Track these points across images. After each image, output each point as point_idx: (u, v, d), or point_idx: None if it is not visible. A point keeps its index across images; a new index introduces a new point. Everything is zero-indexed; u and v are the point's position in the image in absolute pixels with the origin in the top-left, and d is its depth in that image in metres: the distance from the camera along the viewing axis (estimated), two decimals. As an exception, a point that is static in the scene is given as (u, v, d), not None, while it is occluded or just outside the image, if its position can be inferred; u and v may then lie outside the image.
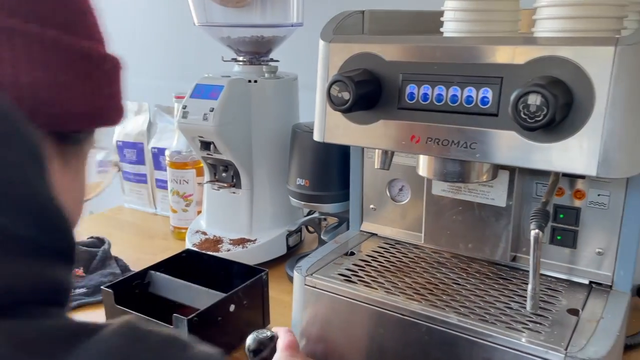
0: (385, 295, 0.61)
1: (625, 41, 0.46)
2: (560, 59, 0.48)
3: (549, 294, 0.62)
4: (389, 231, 0.78)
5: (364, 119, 0.61)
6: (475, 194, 0.66)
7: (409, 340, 0.59)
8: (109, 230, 1.17)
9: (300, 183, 0.88)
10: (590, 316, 0.57)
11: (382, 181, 0.77)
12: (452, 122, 0.55)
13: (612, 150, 0.47)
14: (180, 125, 0.90)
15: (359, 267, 0.69)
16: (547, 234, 0.65)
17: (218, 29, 0.96)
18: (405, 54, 0.57)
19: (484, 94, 0.52)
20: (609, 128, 0.47)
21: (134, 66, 1.56)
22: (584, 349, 0.51)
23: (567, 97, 0.47)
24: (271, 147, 0.96)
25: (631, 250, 0.60)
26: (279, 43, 0.99)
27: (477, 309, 0.58)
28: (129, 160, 1.24)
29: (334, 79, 0.56)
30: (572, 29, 0.51)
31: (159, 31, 1.38)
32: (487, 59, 0.52)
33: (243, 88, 0.91)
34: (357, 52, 0.60)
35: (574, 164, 0.49)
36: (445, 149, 0.56)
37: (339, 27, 0.66)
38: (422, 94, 0.56)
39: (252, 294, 0.74)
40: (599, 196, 0.61)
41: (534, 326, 0.55)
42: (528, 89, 0.46)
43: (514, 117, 0.47)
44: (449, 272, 0.67)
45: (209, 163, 0.96)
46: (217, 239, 0.96)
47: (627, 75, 0.46)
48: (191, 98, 0.89)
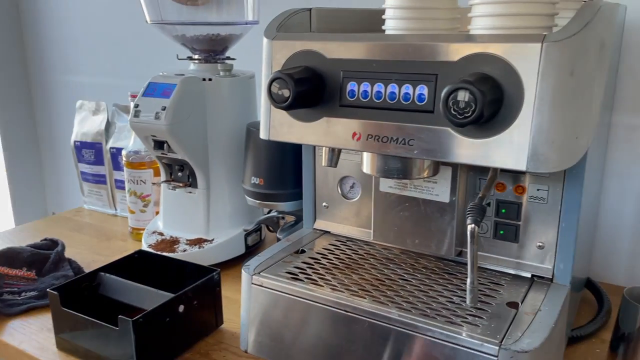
0: (330, 292, 0.61)
1: (552, 38, 0.47)
2: (491, 55, 0.49)
3: (492, 287, 0.63)
4: (341, 228, 0.78)
5: (307, 117, 0.61)
6: (421, 191, 0.67)
7: (353, 337, 0.59)
8: (67, 232, 1.15)
9: (255, 182, 0.88)
10: (529, 309, 0.58)
11: (333, 179, 0.78)
12: (391, 119, 0.55)
13: (540, 145, 0.48)
14: (132, 124, 0.89)
15: (308, 265, 0.69)
16: (491, 229, 0.66)
17: (172, 27, 0.95)
18: (345, 51, 0.57)
19: (420, 91, 0.53)
20: (537, 123, 0.48)
21: (92, 66, 1.54)
22: (519, 341, 0.52)
23: (497, 93, 0.48)
24: (228, 146, 0.95)
25: (570, 243, 0.61)
26: (235, 41, 0.99)
27: (419, 304, 0.59)
28: (87, 160, 1.22)
29: (274, 76, 0.56)
30: (504, 27, 0.51)
31: (116, 30, 1.37)
32: (423, 57, 0.53)
33: (197, 86, 0.90)
34: (299, 49, 0.60)
35: (505, 159, 0.49)
36: (385, 146, 0.56)
37: (285, 25, 0.66)
38: (362, 91, 0.56)
39: (203, 294, 0.74)
40: (539, 191, 0.62)
41: (473, 320, 0.56)
42: (457, 86, 0.46)
43: (445, 113, 0.47)
44: (396, 268, 0.68)
45: (164, 162, 0.95)
46: (173, 239, 0.95)
47: (553, 72, 0.47)
48: (143, 97, 0.88)
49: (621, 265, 0.90)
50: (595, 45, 0.51)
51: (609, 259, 0.91)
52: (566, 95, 0.48)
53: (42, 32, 1.50)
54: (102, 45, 1.40)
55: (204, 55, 0.96)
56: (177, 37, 0.96)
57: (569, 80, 0.48)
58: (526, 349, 0.50)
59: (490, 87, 0.47)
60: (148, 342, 0.65)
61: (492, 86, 0.47)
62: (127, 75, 1.37)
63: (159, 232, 0.98)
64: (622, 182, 0.87)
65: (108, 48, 1.39)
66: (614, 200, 0.88)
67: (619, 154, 0.86)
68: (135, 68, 1.36)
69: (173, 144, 0.89)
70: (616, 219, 0.89)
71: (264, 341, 0.66)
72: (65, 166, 1.56)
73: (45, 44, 1.51)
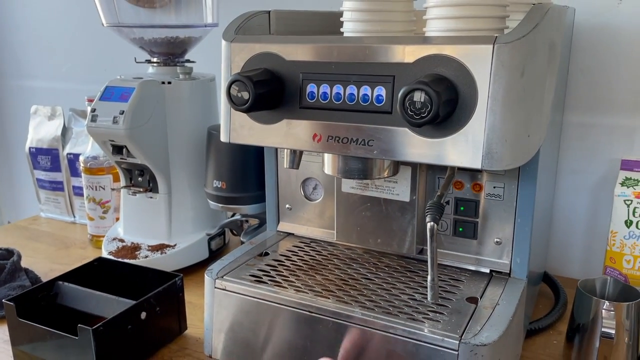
0: (294, 294, 0.61)
1: (503, 39, 0.48)
2: (445, 57, 0.50)
3: (452, 284, 0.64)
4: (304, 230, 0.78)
5: (268, 119, 0.61)
6: (382, 190, 0.68)
7: (317, 337, 0.59)
8: (22, 241, 1.11)
9: (217, 185, 0.87)
10: (488, 303, 0.59)
11: (296, 180, 0.78)
12: (351, 120, 0.56)
13: (494, 143, 0.49)
14: (89, 129, 0.87)
15: (272, 267, 0.69)
16: (450, 226, 0.68)
17: (129, 29, 0.94)
18: (304, 53, 0.58)
19: (378, 92, 0.54)
20: (491, 123, 0.49)
21: (46, 69, 1.50)
22: (478, 334, 0.53)
23: (452, 93, 0.49)
24: (189, 150, 0.94)
25: (525, 238, 0.63)
26: (194, 44, 0.98)
27: (382, 302, 0.60)
28: (44, 167, 1.19)
29: (233, 78, 0.56)
30: (457, 29, 0.53)
31: (73, 33, 1.33)
32: (380, 58, 0.54)
33: (156, 90, 0.89)
34: (258, 52, 0.60)
35: (461, 158, 0.51)
36: (345, 147, 0.57)
37: (244, 27, 0.66)
38: (321, 92, 0.57)
39: (166, 300, 0.73)
40: (495, 188, 0.64)
41: (434, 316, 0.57)
42: (413, 87, 0.47)
43: (402, 113, 0.48)
44: (360, 268, 0.69)
45: (123, 168, 0.94)
46: (135, 245, 0.94)
47: (505, 72, 0.48)
48: (100, 101, 0.87)
49: (576, 259, 0.93)
50: (545, 46, 0.53)
51: (564, 253, 0.94)
52: (517, 95, 0.49)
53: (-7, 36, 1.45)
54: (57, 49, 1.36)
55: (163, 58, 0.95)
56: (134, 40, 0.94)
57: (520, 81, 0.49)
58: (485, 342, 0.52)
59: (445, 88, 0.48)
60: (109, 350, 0.64)
61: (447, 87, 0.49)
62: (83, 79, 1.33)
63: (120, 239, 0.96)
64: (575, 178, 0.91)
65: (63, 51, 1.36)
66: (568, 197, 0.92)
67: (572, 152, 0.90)
68: (91, 72, 1.33)
69: (132, 148, 0.87)
70: (570, 214, 0.92)
71: (228, 345, 0.66)
72: (20, 173, 1.52)
73: (-4, 47, 1.46)
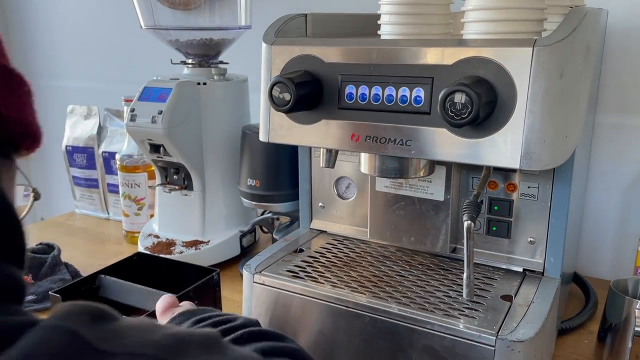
0: (331, 289, 0.63)
1: (542, 42, 0.49)
2: (485, 59, 0.51)
3: (486, 282, 0.65)
4: (337, 228, 0.80)
5: (306, 119, 0.62)
6: (416, 189, 0.69)
7: (355, 331, 0.61)
8: (59, 236, 1.15)
9: (251, 183, 0.90)
10: (522, 301, 0.60)
11: (329, 179, 0.80)
12: (389, 121, 0.57)
13: (533, 144, 0.50)
14: (128, 128, 0.90)
15: (307, 264, 0.70)
16: (484, 226, 0.69)
17: (166, 31, 0.96)
18: (343, 55, 0.59)
19: (417, 93, 0.55)
20: (530, 124, 0.50)
21: (83, 70, 1.54)
22: (514, 331, 0.54)
23: (491, 95, 0.50)
24: (222, 149, 0.97)
25: (559, 238, 0.64)
26: (227, 45, 1.00)
27: (417, 299, 0.61)
28: (79, 165, 1.23)
29: (275, 80, 0.58)
30: (496, 32, 0.54)
31: (108, 34, 1.37)
32: (419, 60, 0.55)
33: (192, 90, 0.91)
34: (298, 54, 0.62)
35: (499, 158, 0.52)
36: (383, 147, 0.58)
37: (282, 30, 0.67)
38: (360, 94, 0.58)
39: (203, 294, 0.75)
40: (529, 188, 0.65)
41: (469, 312, 0.58)
42: (454, 88, 0.48)
43: (442, 114, 0.50)
44: (393, 265, 0.70)
45: (159, 166, 0.96)
46: (169, 241, 0.96)
47: (544, 74, 0.49)
48: (139, 101, 0.89)
49: (605, 260, 0.93)
50: (582, 48, 0.54)
51: (594, 254, 0.94)
52: (556, 97, 0.50)
53: (30, 37, 1.50)
54: (92, 50, 1.40)
55: (198, 59, 0.98)
56: (170, 42, 0.97)
57: (559, 82, 0.50)
58: (522, 339, 0.53)
59: (485, 90, 0.49)
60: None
61: (486, 88, 0.50)
62: (118, 79, 1.37)
63: (155, 235, 0.99)
64: (606, 179, 0.91)
65: (98, 52, 1.39)
66: (599, 198, 0.92)
67: (603, 153, 0.90)
68: (125, 72, 1.36)
69: (169, 147, 0.90)
70: (601, 215, 0.92)
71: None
72: (54, 171, 1.56)
73: (33, 49, 1.50)
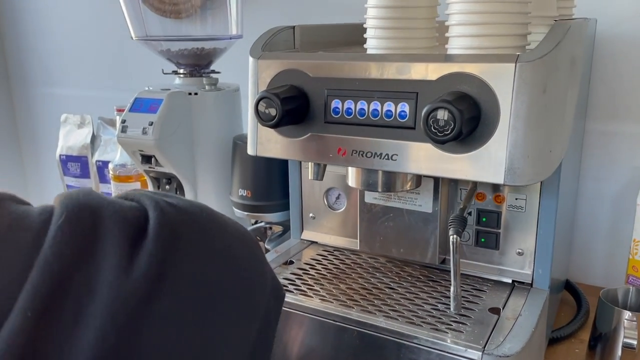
0: (320, 303, 0.63)
1: (525, 58, 0.49)
2: (468, 75, 0.51)
3: (474, 294, 0.65)
4: (327, 239, 0.80)
5: (293, 133, 0.62)
6: (404, 201, 0.69)
7: (343, 345, 0.61)
8: (54, 246, 1.15)
9: (243, 194, 0.90)
10: (510, 314, 0.60)
11: (319, 190, 0.80)
12: (374, 135, 0.57)
13: (516, 159, 0.50)
14: (120, 139, 0.90)
15: (297, 276, 0.71)
16: (472, 237, 0.69)
17: (157, 42, 0.96)
18: (329, 70, 0.59)
19: (401, 108, 0.55)
20: (513, 139, 0.50)
21: (76, 79, 1.53)
22: (501, 346, 0.54)
23: (474, 111, 0.50)
24: (214, 159, 0.97)
25: (547, 249, 0.64)
26: (219, 55, 1.00)
27: (405, 312, 0.61)
28: (73, 174, 1.23)
29: (261, 95, 0.58)
30: (479, 47, 0.54)
31: (103, 42, 1.37)
32: (403, 75, 0.55)
33: (183, 101, 0.91)
34: (284, 68, 0.62)
35: (483, 173, 0.52)
36: (369, 161, 0.58)
37: (269, 43, 0.67)
38: (346, 108, 0.58)
39: (194, 306, 0.75)
40: (517, 200, 0.65)
41: (457, 326, 0.58)
42: (436, 105, 0.48)
43: (426, 131, 0.50)
44: (383, 277, 0.70)
45: (151, 176, 0.97)
46: (162, 251, 0.96)
47: (526, 90, 0.49)
48: (130, 112, 0.90)
49: (598, 267, 0.93)
50: (566, 62, 0.54)
51: (587, 261, 0.94)
52: (539, 112, 0.50)
53: (24, 45, 1.50)
54: (86, 58, 1.40)
55: (189, 69, 0.98)
56: (162, 52, 0.97)
57: (542, 98, 0.50)
58: (508, 354, 0.53)
59: (468, 106, 0.49)
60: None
61: (469, 104, 0.50)
62: (111, 88, 1.37)
63: (148, 245, 0.99)
64: (598, 185, 0.91)
65: (91, 61, 1.40)
66: (590, 205, 0.92)
67: (594, 160, 0.90)
68: (119, 81, 1.36)
69: (161, 158, 0.90)
70: (592, 222, 0.92)
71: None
72: (50, 180, 1.56)
73: (27, 56, 1.51)
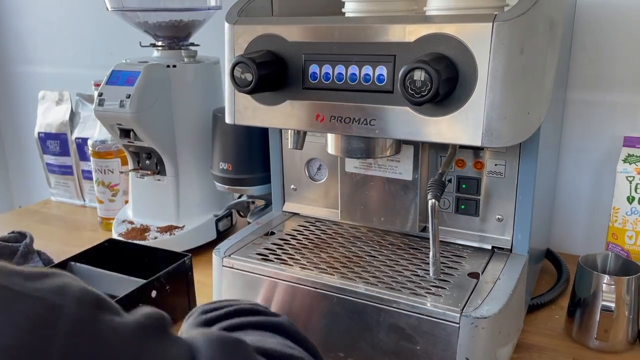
0: (300, 271, 0.63)
1: (502, 17, 0.49)
2: (446, 35, 0.51)
3: (454, 260, 0.65)
4: (309, 210, 0.80)
5: (271, 100, 0.62)
6: (385, 170, 0.69)
7: (323, 312, 0.61)
8: (34, 224, 1.13)
9: (224, 167, 0.89)
10: (489, 278, 0.61)
11: (300, 161, 0.79)
12: (353, 100, 0.56)
13: (494, 121, 0.50)
14: (97, 113, 0.88)
15: (278, 246, 0.70)
16: (453, 204, 0.69)
17: (134, 14, 0.94)
18: (306, 34, 0.58)
19: (379, 72, 0.54)
20: (490, 101, 0.50)
21: (52, 55, 1.50)
22: (479, 308, 0.54)
23: (452, 72, 0.50)
24: (195, 133, 0.95)
25: (526, 215, 0.64)
26: (198, 27, 0.98)
27: (385, 278, 0.61)
28: (53, 152, 1.21)
29: (236, 60, 0.57)
30: (457, 7, 0.53)
31: (79, 18, 1.34)
32: (381, 38, 0.54)
33: (161, 73, 0.90)
34: (260, 33, 0.61)
35: (461, 136, 0.52)
36: (347, 127, 0.57)
37: (246, 9, 0.66)
38: (323, 73, 0.57)
39: (175, 279, 0.75)
40: (496, 166, 0.65)
41: (436, 290, 0.58)
42: (413, 66, 0.48)
43: (403, 92, 0.49)
44: (364, 246, 0.70)
45: (131, 151, 0.95)
46: (144, 227, 0.96)
47: (504, 50, 0.49)
48: (107, 85, 0.88)
49: (579, 236, 0.94)
50: (545, 23, 0.53)
51: (568, 229, 0.95)
52: (517, 73, 0.50)
53: (-1, 22, 1.46)
54: (62, 34, 1.37)
55: (168, 41, 0.96)
56: (139, 24, 0.95)
57: (519, 58, 0.50)
58: (485, 315, 0.53)
59: (445, 66, 0.49)
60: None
61: (446, 65, 0.49)
62: (90, 64, 1.34)
63: (129, 221, 0.98)
64: (578, 156, 0.91)
65: (68, 37, 1.36)
66: (571, 174, 0.92)
67: (575, 129, 0.90)
68: (97, 56, 1.33)
69: (139, 132, 0.88)
70: (574, 191, 0.93)
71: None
72: (30, 159, 1.54)
73: (2, 34, 1.47)
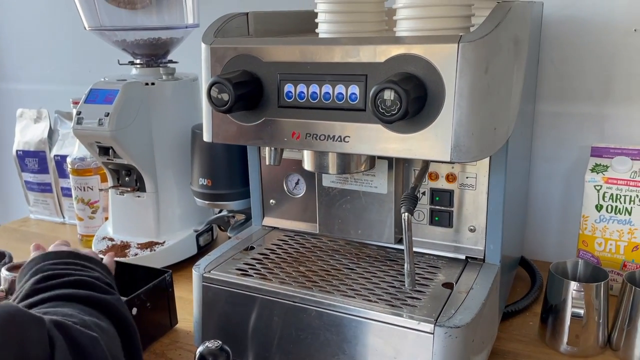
0: (278, 285, 0.64)
1: (467, 38, 0.51)
2: (414, 56, 0.53)
3: (429, 270, 0.67)
4: (288, 224, 0.81)
5: (248, 119, 0.63)
6: (361, 184, 0.71)
7: (302, 325, 0.62)
8: (13, 243, 1.13)
9: (203, 183, 0.90)
10: (463, 288, 0.63)
11: (279, 176, 0.80)
12: (327, 118, 0.58)
13: (462, 137, 0.52)
14: (75, 131, 0.88)
15: (257, 261, 0.71)
16: (427, 216, 0.71)
17: (111, 32, 0.95)
18: (281, 54, 0.60)
19: (352, 90, 0.56)
20: (458, 118, 0.52)
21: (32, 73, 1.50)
22: (452, 317, 0.56)
23: (420, 90, 0.52)
24: (174, 149, 0.96)
25: (497, 225, 0.66)
26: (176, 45, 0.99)
27: (363, 291, 0.62)
28: (31, 169, 1.20)
29: (213, 80, 0.58)
30: (425, 28, 0.55)
31: (57, 35, 1.34)
32: (353, 58, 0.56)
33: (140, 91, 0.91)
34: (236, 54, 0.62)
35: (431, 152, 0.53)
36: (322, 143, 0.59)
37: (222, 30, 0.68)
38: (298, 92, 0.59)
39: (156, 295, 0.75)
40: (467, 178, 0.67)
41: (411, 301, 0.60)
42: (382, 86, 0.50)
43: (374, 111, 0.51)
44: (341, 258, 0.71)
45: (110, 168, 0.96)
46: (124, 244, 0.96)
47: (469, 69, 0.51)
48: (85, 103, 0.88)
49: (552, 243, 0.97)
50: (509, 42, 0.56)
51: (541, 237, 0.97)
52: (482, 91, 0.52)
53: (-25, 39, 1.46)
54: (40, 52, 1.37)
55: (146, 59, 0.97)
56: (117, 43, 0.96)
57: (484, 77, 0.52)
58: (459, 325, 0.55)
59: (413, 86, 0.51)
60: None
61: (415, 84, 0.51)
62: (68, 81, 1.34)
63: (109, 238, 0.98)
64: (549, 166, 0.94)
65: (46, 54, 1.36)
66: (542, 183, 0.95)
67: (544, 140, 0.93)
68: (76, 73, 1.34)
69: (118, 149, 0.89)
70: (545, 200, 0.96)
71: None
72: (8, 176, 1.52)
73: (-21, 51, 1.46)
